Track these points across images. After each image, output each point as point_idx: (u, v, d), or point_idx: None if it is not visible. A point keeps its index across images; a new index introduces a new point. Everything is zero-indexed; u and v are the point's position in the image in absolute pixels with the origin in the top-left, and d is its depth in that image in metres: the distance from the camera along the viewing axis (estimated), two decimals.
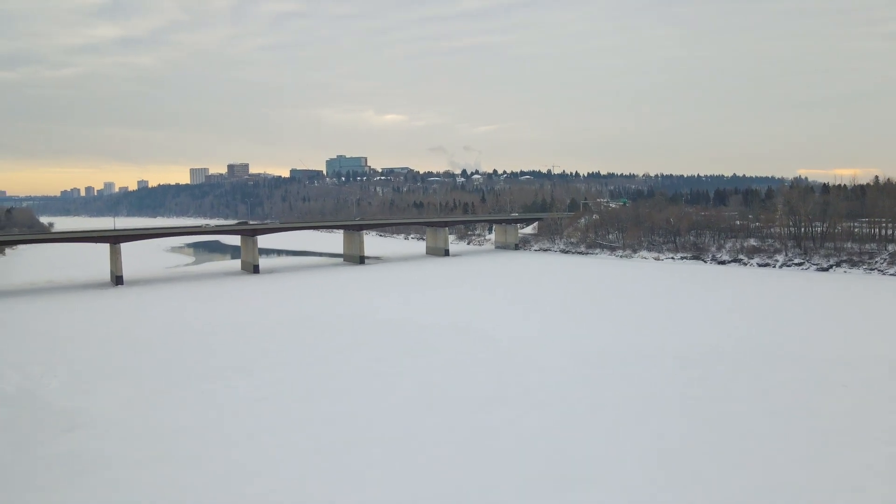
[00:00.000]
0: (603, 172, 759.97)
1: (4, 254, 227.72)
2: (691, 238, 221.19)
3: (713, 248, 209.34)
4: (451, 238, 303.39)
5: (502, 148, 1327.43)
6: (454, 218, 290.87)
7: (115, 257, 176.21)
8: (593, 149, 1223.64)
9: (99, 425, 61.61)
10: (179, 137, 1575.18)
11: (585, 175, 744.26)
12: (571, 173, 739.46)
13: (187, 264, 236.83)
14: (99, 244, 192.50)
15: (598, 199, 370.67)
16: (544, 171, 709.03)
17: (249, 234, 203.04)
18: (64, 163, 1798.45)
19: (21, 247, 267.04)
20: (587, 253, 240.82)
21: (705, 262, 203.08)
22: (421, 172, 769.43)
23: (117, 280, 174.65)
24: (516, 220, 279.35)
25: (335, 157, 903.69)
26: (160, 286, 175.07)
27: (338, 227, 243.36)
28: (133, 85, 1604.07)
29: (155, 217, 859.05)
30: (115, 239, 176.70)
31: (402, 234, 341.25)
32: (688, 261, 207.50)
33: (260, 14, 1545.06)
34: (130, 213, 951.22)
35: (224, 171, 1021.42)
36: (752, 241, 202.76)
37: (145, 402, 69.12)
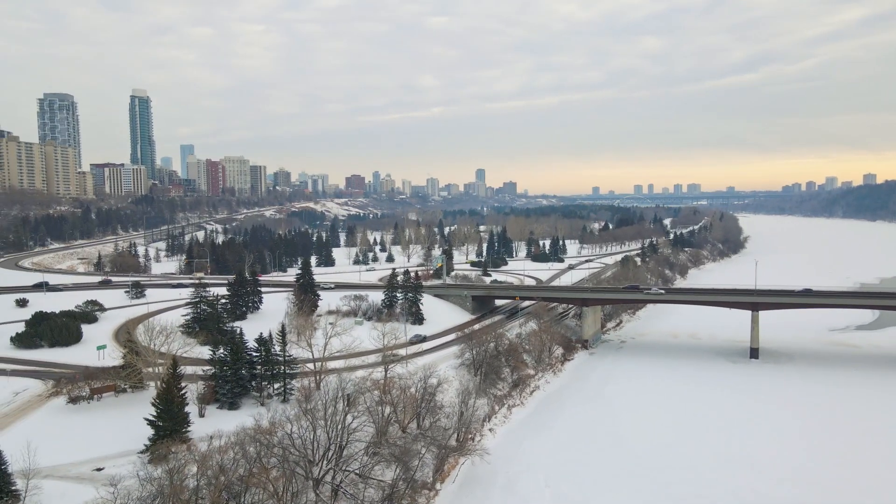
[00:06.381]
0: None
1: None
2: None
3: None
4: None
5: None
6: None
7: (754, 326, 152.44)
8: None
9: None
10: None
11: None
12: None
13: (859, 327, 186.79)
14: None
15: None
16: None
17: None
18: (790, 155, 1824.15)
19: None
20: None
21: None
22: None
23: (752, 353, 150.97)
24: None
25: None
26: (802, 367, 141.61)
27: None
28: (876, 66, 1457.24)
29: (874, 220, 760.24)
30: (753, 306, 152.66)
31: None
32: None
33: None
34: (846, 215, 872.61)
35: None
36: None
37: None
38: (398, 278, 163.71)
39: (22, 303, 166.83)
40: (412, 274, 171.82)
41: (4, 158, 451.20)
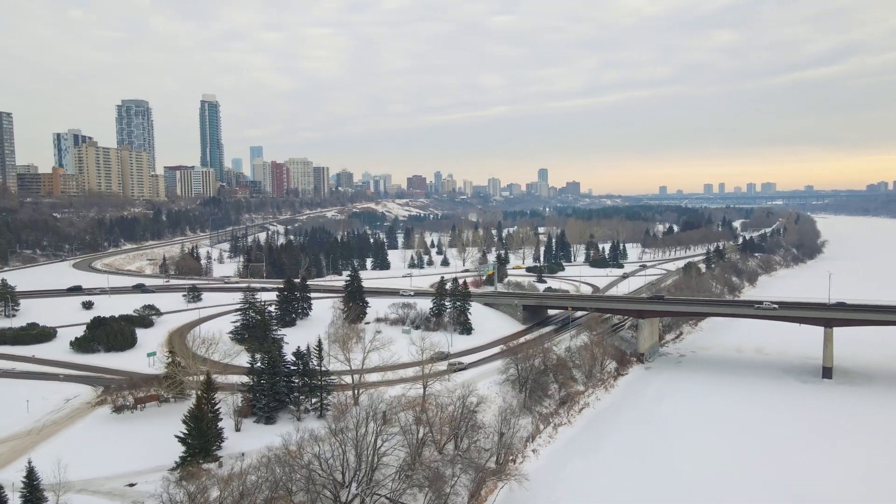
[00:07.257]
0: None
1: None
2: None
3: None
4: None
5: None
6: None
7: (828, 343, 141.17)
8: None
9: None
10: None
11: None
12: None
13: None
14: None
15: None
16: None
17: None
18: (876, 151, 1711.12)
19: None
20: None
21: None
22: None
23: (825, 372, 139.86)
24: None
25: None
26: (882, 390, 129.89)
27: None
28: None
29: None
30: (826, 322, 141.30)
31: None
32: None
33: None
34: None
35: None
36: None
37: None
38: (447, 286, 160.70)
39: (88, 305, 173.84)
40: (461, 281, 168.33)
41: (84, 163, 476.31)
